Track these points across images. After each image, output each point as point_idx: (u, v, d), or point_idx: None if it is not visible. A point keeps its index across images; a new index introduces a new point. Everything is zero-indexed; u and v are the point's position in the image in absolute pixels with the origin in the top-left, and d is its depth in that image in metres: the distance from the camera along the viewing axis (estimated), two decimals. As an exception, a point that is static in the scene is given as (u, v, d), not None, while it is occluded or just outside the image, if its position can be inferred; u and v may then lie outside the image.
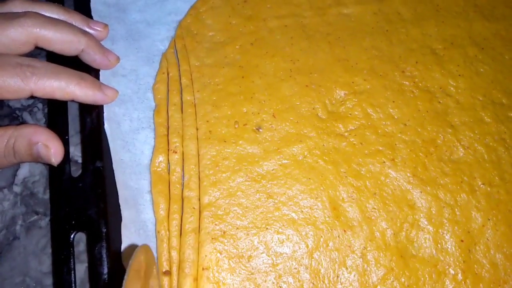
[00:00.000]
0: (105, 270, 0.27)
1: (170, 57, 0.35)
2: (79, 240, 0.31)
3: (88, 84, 0.29)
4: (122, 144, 0.31)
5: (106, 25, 0.34)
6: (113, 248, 0.28)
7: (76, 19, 0.31)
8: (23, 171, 0.34)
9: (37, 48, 0.29)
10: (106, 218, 0.29)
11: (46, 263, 0.32)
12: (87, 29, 0.32)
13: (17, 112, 0.36)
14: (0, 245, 0.32)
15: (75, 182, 0.30)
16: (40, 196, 0.33)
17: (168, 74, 0.34)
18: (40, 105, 0.36)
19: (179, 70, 0.34)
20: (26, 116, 0.36)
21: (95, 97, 0.30)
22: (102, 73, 0.33)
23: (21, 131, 0.27)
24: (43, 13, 0.29)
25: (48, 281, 0.31)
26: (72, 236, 0.29)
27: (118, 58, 0.33)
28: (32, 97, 0.28)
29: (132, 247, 0.29)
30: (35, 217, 0.33)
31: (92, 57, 0.31)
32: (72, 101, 0.30)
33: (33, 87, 0.27)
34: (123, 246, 0.28)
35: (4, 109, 0.36)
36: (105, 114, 0.31)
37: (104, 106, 0.31)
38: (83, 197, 0.29)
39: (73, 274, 0.28)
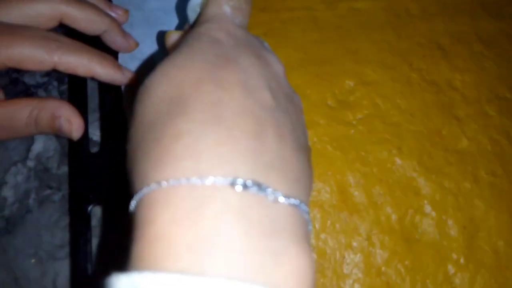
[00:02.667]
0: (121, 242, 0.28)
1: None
2: (92, 215, 0.32)
3: (109, 63, 0.30)
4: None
5: (126, 10, 0.35)
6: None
7: (99, 2, 0.32)
8: (37, 147, 0.35)
9: (60, 26, 0.30)
10: (123, 191, 0.29)
11: (58, 236, 0.32)
12: (110, 12, 0.33)
13: (32, 89, 0.36)
14: (13, 218, 0.33)
15: (93, 158, 0.31)
16: (54, 171, 0.34)
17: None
18: (55, 83, 0.37)
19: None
20: (41, 93, 0.36)
21: (114, 76, 0.31)
22: (120, 56, 0.34)
23: (45, 104, 0.27)
24: None
25: (61, 253, 0.32)
26: (89, 209, 0.29)
27: (137, 43, 0.34)
28: (54, 70, 0.29)
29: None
30: (48, 191, 0.34)
31: (113, 38, 0.32)
32: (92, 78, 0.31)
33: (57, 60, 0.28)
34: None
35: (19, 86, 0.36)
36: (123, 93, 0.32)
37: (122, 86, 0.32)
38: (101, 172, 0.30)
39: (89, 245, 0.29)
